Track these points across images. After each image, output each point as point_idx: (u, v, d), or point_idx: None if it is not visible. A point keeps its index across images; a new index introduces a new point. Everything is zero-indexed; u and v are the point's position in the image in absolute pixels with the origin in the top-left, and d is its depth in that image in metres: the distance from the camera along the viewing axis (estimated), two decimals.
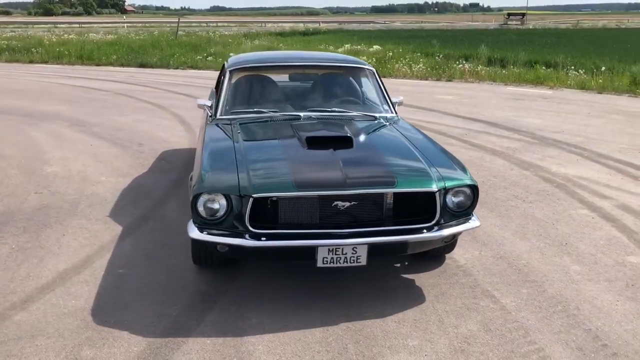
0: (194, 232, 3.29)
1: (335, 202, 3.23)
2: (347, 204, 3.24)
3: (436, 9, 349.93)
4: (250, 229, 3.22)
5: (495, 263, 3.97)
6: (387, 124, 4.49)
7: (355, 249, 3.24)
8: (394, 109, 4.78)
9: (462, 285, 3.65)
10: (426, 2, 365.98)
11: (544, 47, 21.48)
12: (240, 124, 4.35)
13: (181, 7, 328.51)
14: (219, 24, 48.73)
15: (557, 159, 6.75)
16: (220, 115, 4.53)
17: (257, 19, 74.76)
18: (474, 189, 3.44)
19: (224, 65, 5.78)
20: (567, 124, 8.90)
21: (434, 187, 3.30)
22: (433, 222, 3.35)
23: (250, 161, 3.51)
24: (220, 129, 4.31)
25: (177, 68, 18.31)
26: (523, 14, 52.29)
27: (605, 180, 5.90)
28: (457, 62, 16.85)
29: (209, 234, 3.27)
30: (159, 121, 9.05)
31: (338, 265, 3.28)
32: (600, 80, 13.45)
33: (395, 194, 3.29)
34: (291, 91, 4.90)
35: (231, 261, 3.81)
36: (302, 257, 3.34)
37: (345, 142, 3.73)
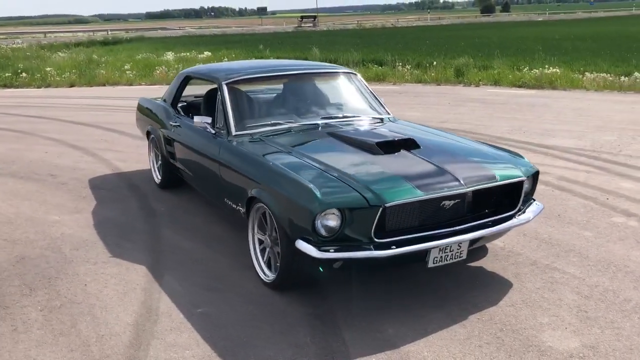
0: (315, 252, 3.16)
1: (443, 202, 3.35)
2: (452, 202, 3.37)
3: (212, 13, 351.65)
4: (375, 239, 3.19)
5: (520, 239, 4.39)
6: (399, 123, 4.71)
7: (460, 244, 3.40)
8: (386, 108, 4.98)
9: (522, 264, 4.01)
10: (202, 7, 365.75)
11: (356, 46, 23.09)
12: (269, 136, 4.20)
13: None
14: None
15: None
16: (236, 131, 4.29)
17: (20, 30, 67.95)
18: (537, 174, 3.82)
19: (186, 77, 5.46)
20: (445, 114, 9.87)
21: (523, 176, 3.61)
22: (516, 209, 3.65)
23: (341, 172, 3.44)
24: (255, 144, 4.10)
25: None
26: (314, 17, 55.29)
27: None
28: None
29: (330, 251, 3.17)
30: (43, 148, 8.01)
31: (444, 263, 3.42)
32: (432, 74, 15.03)
33: (494, 187, 3.51)
34: (292, 100, 4.80)
35: (308, 279, 3.68)
36: (415, 260, 3.40)
37: (411, 144, 3.84)
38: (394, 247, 3.19)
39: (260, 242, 3.86)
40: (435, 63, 15.68)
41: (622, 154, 6.87)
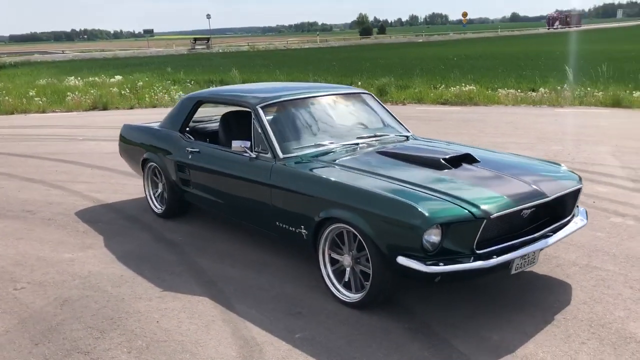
0: (423, 267, 3.25)
1: (524, 212, 3.58)
2: (530, 211, 3.62)
3: (85, 36, 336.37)
4: (476, 251, 3.35)
5: None
6: (422, 139, 4.94)
7: (535, 252, 3.64)
8: (405, 126, 5.19)
9: (564, 266, 4.33)
10: (73, 30, 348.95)
11: (269, 67, 23.30)
12: (318, 157, 4.24)
13: None
14: None
15: None
16: (284, 154, 4.28)
17: None
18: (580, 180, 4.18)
19: (198, 102, 5.33)
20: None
21: (580, 183, 3.94)
22: (570, 215, 3.97)
23: (428, 188, 3.55)
24: (312, 165, 4.11)
25: None
26: (208, 39, 54.73)
27: None
28: (213, 86, 17.28)
29: (439, 265, 3.27)
30: (5, 184, 7.37)
31: (521, 269, 3.64)
32: None
33: (566, 194, 3.79)
34: (325, 121, 4.85)
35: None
36: (503, 268, 3.58)
37: (470, 158, 4.05)
38: (494, 256, 3.36)
39: (333, 263, 3.87)
40: (360, 83, 16.21)
41: (578, 161, 7.55)
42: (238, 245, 4.92)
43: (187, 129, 5.47)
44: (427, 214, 3.24)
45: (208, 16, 55.62)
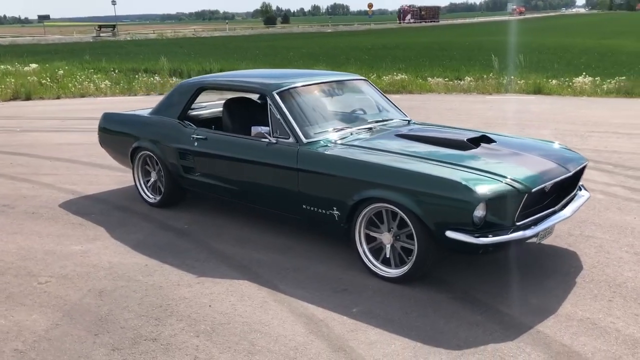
0: (478, 240, 3.50)
1: (546, 185, 3.93)
2: (551, 185, 3.97)
3: None
4: (516, 223, 3.66)
5: None
6: (424, 124, 5.23)
7: (554, 225, 4.02)
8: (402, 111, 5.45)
9: (560, 237, 4.77)
10: None
11: (191, 56, 22.84)
12: (341, 141, 4.39)
13: None
14: None
15: None
16: (308, 139, 4.40)
17: None
18: None
19: (199, 88, 5.28)
20: None
21: (587, 161, 4.36)
22: (576, 188, 4.38)
23: (466, 166, 3.80)
24: (339, 148, 4.26)
25: None
26: (114, 26, 52.29)
27: None
28: (140, 76, 16.85)
29: (488, 236, 3.54)
30: None
31: (543, 240, 4.02)
32: None
33: (580, 169, 4.19)
34: (337, 106, 4.99)
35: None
36: (532, 238, 3.90)
37: (487, 139, 4.36)
38: (533, 227, 3.69)
39: (369, 241, 4.05)
40: None
41: None
42: (253, 230, 4.96)
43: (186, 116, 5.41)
44: (477, 191, 3.50)
45: (113, 2, 53.14)
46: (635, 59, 22.73)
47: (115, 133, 5.98)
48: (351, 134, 4.55)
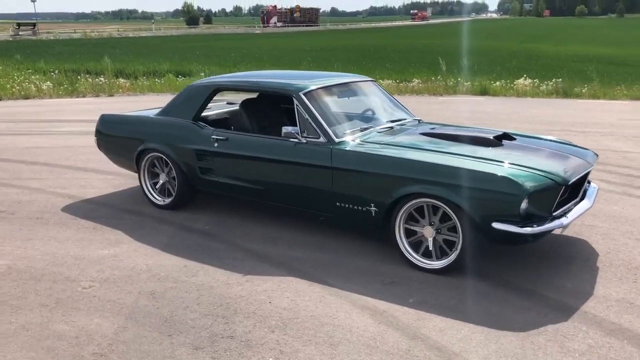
0: (524, 230, 3.77)
1: (577, 179, 4.23)
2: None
3: None
4: (553, 213, 3.96)
5: None
6: (434, 123, 5.48)
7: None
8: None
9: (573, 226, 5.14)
10: None
11: (126, 55, 22.24)
12: (369, 138, 4.56)
13: None
14: None
15: None
16: (339, 138, 4.53)
17: None
18: None
19: (215, 89, 5.29)
20: None
21: (597, 156, 4.74)
22: (585, 182, 4.76)
23: (499, 162, 4.06)
24: (374, 146, 4.42)
25: None
26: (34, 24, 49.66)
27: None
28: (82, 77, 16.34)
29: (533, 226, 3.81)
30: None
31: (566, 228, 4.35)
32: None
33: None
34: (357, 107, 5.15)
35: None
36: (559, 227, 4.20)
37: (508, 137, 4.65)
38: (567, 217, 4.00)
39: (408, 235, 4.23)
40: None
41: None
42: (280, 228, 5.02)
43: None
44: (523, 184, 3.76)
45: None
46: (559, 62, 24.33)
47: (117, 135, 5.86)
48: (377, 133, 4.72)
